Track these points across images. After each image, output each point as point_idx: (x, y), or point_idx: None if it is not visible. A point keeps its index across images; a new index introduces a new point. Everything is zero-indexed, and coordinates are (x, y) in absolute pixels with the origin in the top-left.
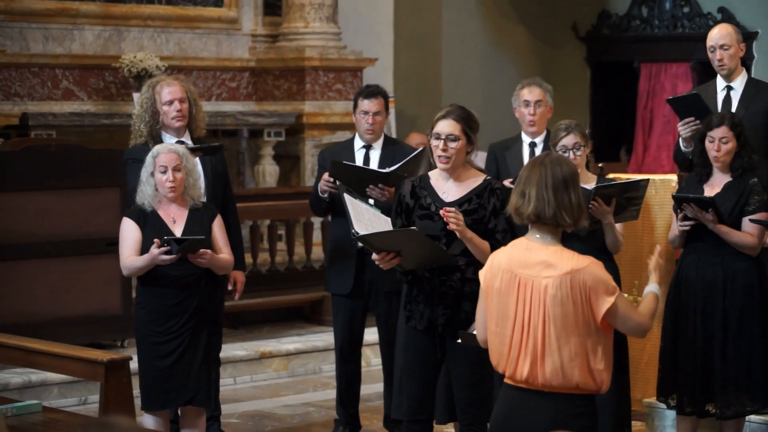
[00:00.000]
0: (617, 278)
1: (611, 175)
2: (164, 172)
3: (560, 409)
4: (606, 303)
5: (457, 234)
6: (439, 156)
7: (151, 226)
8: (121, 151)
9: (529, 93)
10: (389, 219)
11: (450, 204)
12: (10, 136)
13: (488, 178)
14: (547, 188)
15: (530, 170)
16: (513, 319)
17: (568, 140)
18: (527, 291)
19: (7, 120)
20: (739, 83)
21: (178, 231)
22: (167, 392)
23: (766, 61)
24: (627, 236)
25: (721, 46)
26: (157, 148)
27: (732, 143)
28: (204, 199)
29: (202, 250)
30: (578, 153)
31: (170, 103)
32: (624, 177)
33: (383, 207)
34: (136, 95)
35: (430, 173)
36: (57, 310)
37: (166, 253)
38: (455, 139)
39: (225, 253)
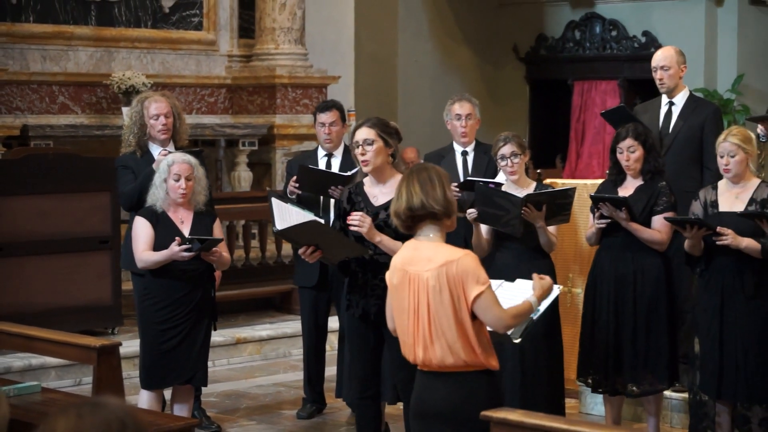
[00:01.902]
0: (552, 273)
1: (548, 181)
2: (177, 180)
3: (457, 386)
4: (475, 290)
5: (365, 236)
6: (361, 160)
7: (163, 225)
8: (111, 159)
9: (460, 108)
10: (321, 220)
11: (377, 207)
12: (12, 145)
13: None
14: (414, 186)
15: (402, 180)
16: (407, 311)
17: (506, 149)
18: (415, 284)
19: (9, 131)
20: (680, 99)
21: (185, 231)
22: (168, 373)
23: (684, 79)
24: (562, 235)
25: (662, 67)
26: (172, 157)
27: (639, 151)
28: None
29: (214, 249)
30: (515, 161)
31: (156, 117)
32: (560, 182)
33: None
34: (125, 109)
35: (365, 180)
36: (54, 301)
37: (186, 250)
38: (371, 142)
39: (225, 252)
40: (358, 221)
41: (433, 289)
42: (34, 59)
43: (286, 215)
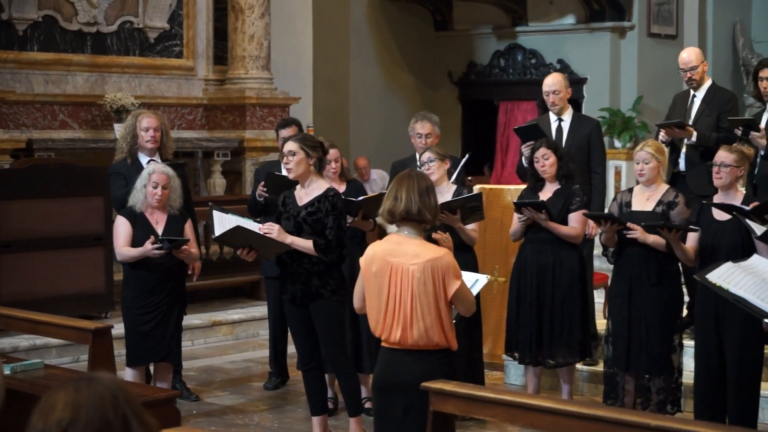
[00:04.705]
0: (475, 265)
1: (477, 186)
2: (155, 188)
3: (427, 362)
4: (455, 285)
5: (277, 239)
6: (286, 168)
7: (141, 224)
8: (105, 168)
9: (421, 127)
10: (248, 225)
11: (300, 207)
12: (19, 156)
13: (329, 188)
14: (414, 192)
15: (400, 180)
16: (387, 296)
17: (425, 157)
18: (398, 274)
19: (17, 144)
20: (567, 117)
21: (159, 230)
22: (146, 351)
23: (592, 100)
24: (492, 232)
25: (554, 92)
26: (153, 166)
27: (552, 158)
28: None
29: (183, 247)
30: (431, 164)
31: (147, 130)
32: (487, 187)
33: None
34: (116, 125)
35: (297, 186)
36: (56, 289)
37: (158, 248)
38: (293, 153)
39: (194, 248)
40: (268, 229)
41: (418, 280)
42: (38, 82)
43: (226, 223)
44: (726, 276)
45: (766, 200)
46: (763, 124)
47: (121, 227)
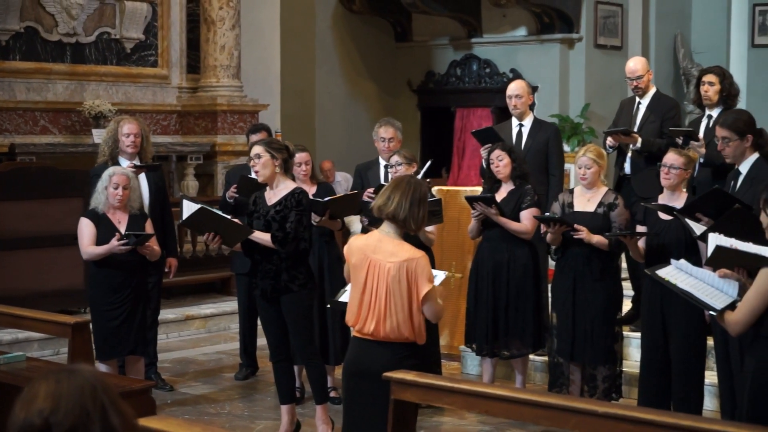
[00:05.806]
0: (433, 262)
1: (435, 188)
2: (116, 189)
3: (397, 353)
4: (426, 286)
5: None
6: (254, 171)
7: (104, 225)
8: (83, 171)
9: (385, 132)
10: (228, 217)
11: (269, 207)
12: (1, 160)
13: (297, 187)
14: (406, 200)
15: (398, 183)
16: (363, 289)
17: (392, 160)
18: (375, 270)
19: (0, 149)
20: (528, 122)
21: (122, 230)
22: (115, 346)
23: (543, 107)
24: (449, 230)
25: (516, 95)
26: (113, 169)
27: (506, 159)
28: (147, 208)
29: (146, 243)
30: (399, 167)
31: (128, 135)
32: (445, 188)
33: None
34: (94, 130)
35: (268, 187)
36: (37, 286)
37: (124, 244)
38: (259, 156)
39: (155, 246)
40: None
41: (393, 278)
42: (20, 90)
43: (193, 210)
44: (673, 274)
45: (692, 200)
46: (701, 133)
47: (85, 228)
